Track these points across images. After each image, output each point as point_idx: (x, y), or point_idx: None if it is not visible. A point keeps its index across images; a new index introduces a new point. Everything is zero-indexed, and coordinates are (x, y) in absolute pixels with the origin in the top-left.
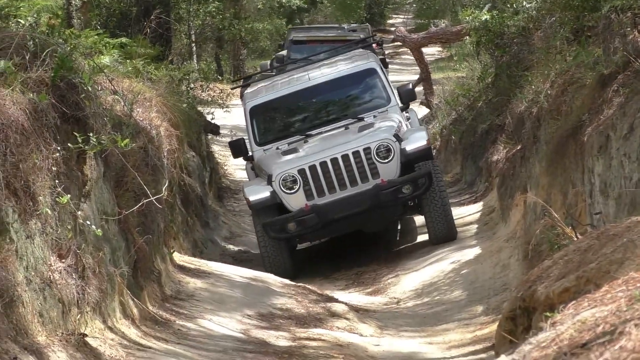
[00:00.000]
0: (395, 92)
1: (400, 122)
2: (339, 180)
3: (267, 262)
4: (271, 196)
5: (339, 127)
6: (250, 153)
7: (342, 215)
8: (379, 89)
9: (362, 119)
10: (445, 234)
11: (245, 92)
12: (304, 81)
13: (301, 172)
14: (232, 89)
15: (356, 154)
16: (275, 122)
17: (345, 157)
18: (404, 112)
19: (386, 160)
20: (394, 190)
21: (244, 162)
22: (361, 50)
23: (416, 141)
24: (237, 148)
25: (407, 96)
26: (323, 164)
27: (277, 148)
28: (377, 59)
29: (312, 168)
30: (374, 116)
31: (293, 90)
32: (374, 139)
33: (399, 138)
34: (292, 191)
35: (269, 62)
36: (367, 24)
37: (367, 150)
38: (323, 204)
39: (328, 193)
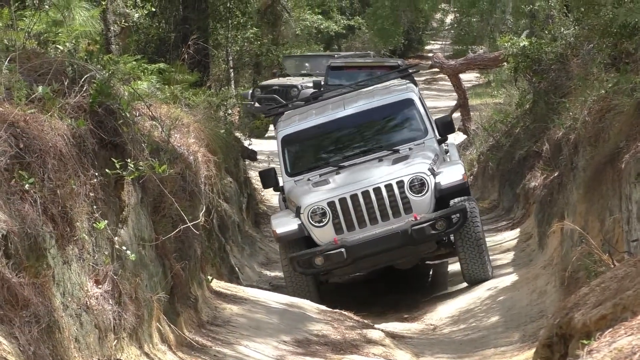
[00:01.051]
0: (434, 123)
1: (436, 155)
2: (370, 214)
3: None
4: (299, 229)
5: (373, 159)
6: (280, 183)
7: (371, 252)
8: (416, 120)
9: (397, 151)
10: (479, 275)
11: (279, 120)
12: (339, 110)
13: (331, 204)
14: (265, 116)
15: (389, 187)
16: (308, 152)
17: (377, 190)
18: (442, 145)
19: (420, 195)
20: (427, 227)
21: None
22: (400, 80)
23: (451, 176)
24: (267, 178)
25: (445, 128)
26: (354, 197)
27: (308, 179)
28: (417, 90)
29: (343, 201)
30: (410, 148)
31: (327, 120)
32: (408, 172)
33: (433, 172)
34: (321, 224)
35: (249, 91)
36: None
37: (400, 183)
38: (352, 239)
39: (358, 227)
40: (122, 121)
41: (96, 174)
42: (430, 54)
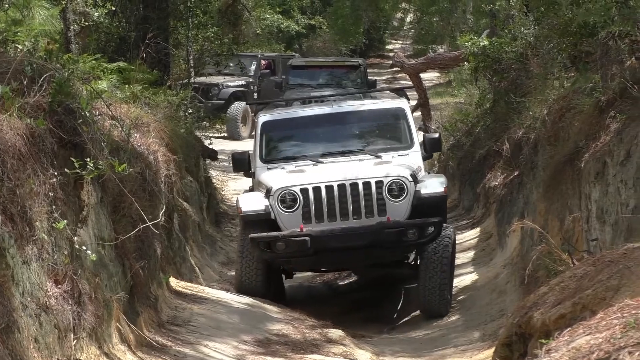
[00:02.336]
0: (420, 138)
1: (419, 167)
2: (342, 208)
3: (240, 279)
4: (265, 210)
5: (354, 160)
6: (252, 169)
7: (337, 246)
8: (404, 131)
9: (379, 157)
10: (435, 308)
11: (262, 108)
12: (327, 107)
13: (303, 191)
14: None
15: (366, 185)
16: (287, 142)
17: (354, 186)
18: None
19: (397, 199)
20: (398, 232)
21: (242, 188)
22: (393, 93)
23: (433, 186)
24: (240, 162)
25: (432, 145)
26: (329, 188)
27: (283, 168)
28: (408, 105)
29: (316, 190)
30: (393, 157)
31: (313, 113)
32: (389, 173)
33: (415, 179)
34: (290, 210)
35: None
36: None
37: (379, 183)
38: (319, 229)
39: (327, 220)
40: (81, 120)
41: (55, 173)
42: (391, 54)
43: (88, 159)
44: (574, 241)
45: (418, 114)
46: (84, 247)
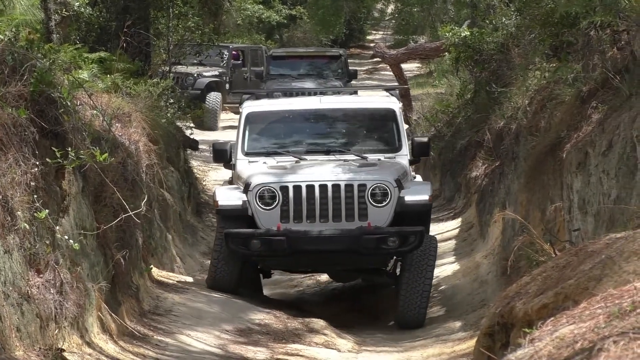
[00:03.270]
0: (409, 142)
1: (405, 172)
2: (322, 210)
3: (213, 274)
4: (243, 206)
5: (338, 160)
6: (233, 162)
7: (314, 249)
8: (392, 133)
9: (364, 159)
10: (413, 320)
11: (247, 98)
12: (314, 102)
13: (283, 189)
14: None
15: (349, 187)
16: (270, 135)
17: (335, 187)
18: (413, 171)
19: (379, 205)
20: (378, 239)
21: (225, 178)
22: (385, 92)
23: (418, 193)
24: (221, 153)
25: (420, 149)
26: (309, 188)
27: (265, 162)
28: (400, 105)
29: (297, 188)
30: (379, 159)
31: (299, 108)
32: (373, 178)
33: (400, 184)
34: (268, 207)
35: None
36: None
37: (361, 187)
38: (297, 230)
39: (306, 220)
40: (63, 110)
41: (37, 163)
42: (371, 44)
43: (69, 149)
44: (555, 231)
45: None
46: (66, 237)
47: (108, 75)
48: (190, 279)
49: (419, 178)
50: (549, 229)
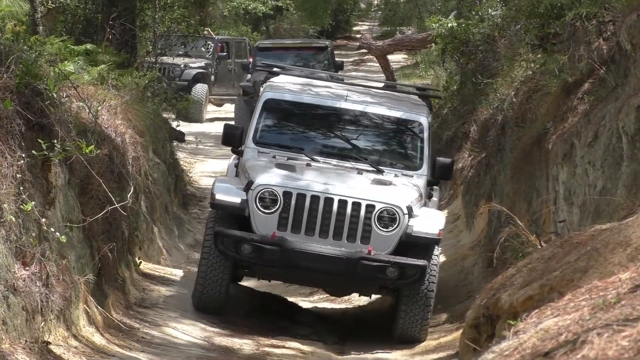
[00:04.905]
0: (431, 161)
1: (420, 195)
2: (323, 225)
3: (199, 294)
4: (241, 205)
5: (352, 168)
6: (242, 148)
7: (306, 265)
8: (416, 149)
9: (380, 172)
10: (414, 336)
11: (270, 80)
12: (339, 99)
13: (287, 194)
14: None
15: (356, 206)
16: (286, 127)
17: (342, 203)
18: (430, 189)
19: (385, 230)
20: (376, 267)
21: (212, 170)
22: (417, 98)
23: (428, 226)
24: (231, 136)
25: (442, 172)
26: (314, 199)
27: (274, 157)
28: (429, 117)
29: (301, 197)
30: (396, 175)
31: (322, 104)
32: (384, 199)
33: (410, 212)
34: (267, 211)
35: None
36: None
37: (369, 207)
38: (293, 242)
39: (304, 233)
40: (49, 102)
41: (23, 155)
42: (358, 35)
43: (55, 141)
44: (541, 223)
45: None
46: (52, 229)
47: (94, 67)
48: (176, 271)
49: (435, 195)
50: (534, 221)
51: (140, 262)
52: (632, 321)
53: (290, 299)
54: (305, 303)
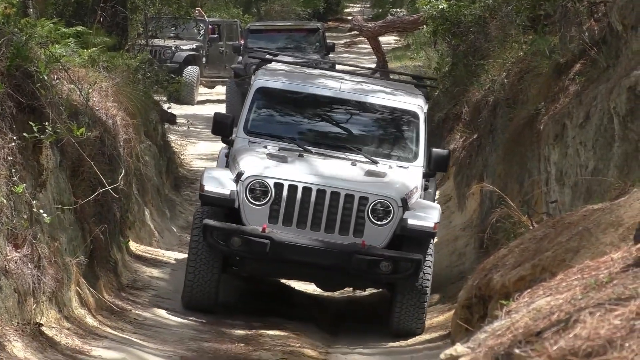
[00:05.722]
0: (427, 152)
1: (416, 187)
2: (315, 217)
3: (189, 292)
4: (230, 196)
5: (346, 159)
6: (233, 137)
7: (297, 259)
8: (411, 140)
9: (375, 163)
10: (411, 328)
11: (263, 67)
12: (333, 89)
13: (278, 186)
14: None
15: (349, 198)
16: (278, 116)
17: (334, 195)
18: (425, 180)
19: (379, 223)
20: (370, 261)
21: (203, 152)
22: (414, 87)
23: (423, 219)
24: (222, 126)
25: (438, 163)
26: (306, 190)
27: (265, 147)
28: (426, 108)
29: (292, 188)
30: (390, 167)
31: (315, 92)
32: (378, 192)
33: (405, 204)
34: (257, 203)
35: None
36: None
37: (363, 200)
38: (284, 235)
39: (295, 226)
40: (40, 84)
41: (14, 137)
42: (349, 17)
43: (47, 123)
44: (533, 203)
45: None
46: (42, 211)
47: (85, 50)
48: (168, 253)
49: (431, 187)
50: (526, 201)
51: (129, 241)
52: (624, 300)
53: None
54: (298, 285)
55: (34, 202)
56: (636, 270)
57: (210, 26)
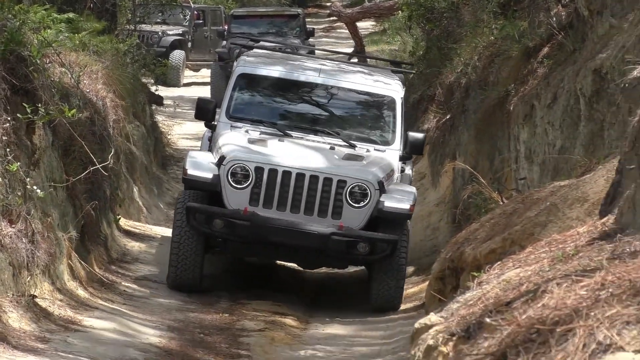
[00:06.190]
0: (404, 136)
1: (392, 170)
2: (294, 200)
3: (174, 274)
4: (213, 180)
5: (325, 143)
6: (215, 122)
7: (278, 241)
8: (388, 125)
9: (353, 147)
10: (390, 304)
11: (244, 54)
12: (312, 74)
13: (258, 170)
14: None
15: (327, 181)
16: (259, 102)
17: (313, 179)
18: (402, 163)
19: (356, 205)
20: (347, 242)
21: (189, 132)
22: (390, 72)
23: (399, 201)
24: (204, 111)
25: (414, 147)
26: (286, 174)
27: (247, 131)
28: (403, 93)
29: (272, 172)
30: (367, 150)
31: (295, 78)
32: (355, 175)
33: (382, 187)
34: (238, 186)
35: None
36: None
37: (341, 183)
38: (264, 217)
39: (276, 208)
40: (32, 68)
41: (9, 118)
42: (328, 4)
43: (39, 105)
44: (503, 180)
45: (355, 60)
46: (36, 188)
47: (76, 35)
48: (156, 228)
49: (408, 169)
50: (497, 178)
51: (120, 218)
52: (589, 272)
53: None
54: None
55: (28, 179)
56: (601, 243)
57: (195, 12)
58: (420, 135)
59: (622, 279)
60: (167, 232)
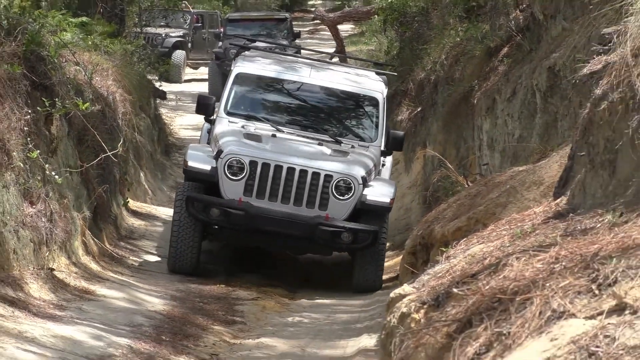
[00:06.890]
0: (385, 133)
1: (375, 165)
2: (285, 192)
3: (173, 258)
4: (211, 172)
5: (314, 139)
6: (214, 117)
7: (270, 229)
8: (371, 123)
9: (339, 143)
10: (371, 285)
11: (242, 55)
12: (304, 75)
13: (252, 163)
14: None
15: (315, 175)
16: (254, 99)
17: (302, 173)
18: (383, 157)
19: (341, 198)
20: (332, 232)
21: (189, 123)
22: (375, 74)
23: (380, 194)
24: (205, 106)
25: (395, 143)
26: (278, 168)
27: (243, 127)
28: (386, 92)
29: (265, 166)
30: (352, 146)
31: (287, 78)
32: (341, 170)
33: (365, 182)
34: (234, 178)
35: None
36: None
37: (328, 177)
38: (257, 207)
39: (268, 199)
40: (50, 66)
41: (29, 111)
42: (312, 9)
43: (57, 99)
44: (468, 166)
45: (336, 59)
46: (54, 173)
47: (89, 37)
48: (160, 209)
49: (388, 163)
50: (462, 164)
51: (128, 201)
52: (545, 247)
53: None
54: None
55: (46, 165)
56: (555, 221)
57: (194, 16)
58: (400, 134)
59: (574, 253)
60: (170, 212)
